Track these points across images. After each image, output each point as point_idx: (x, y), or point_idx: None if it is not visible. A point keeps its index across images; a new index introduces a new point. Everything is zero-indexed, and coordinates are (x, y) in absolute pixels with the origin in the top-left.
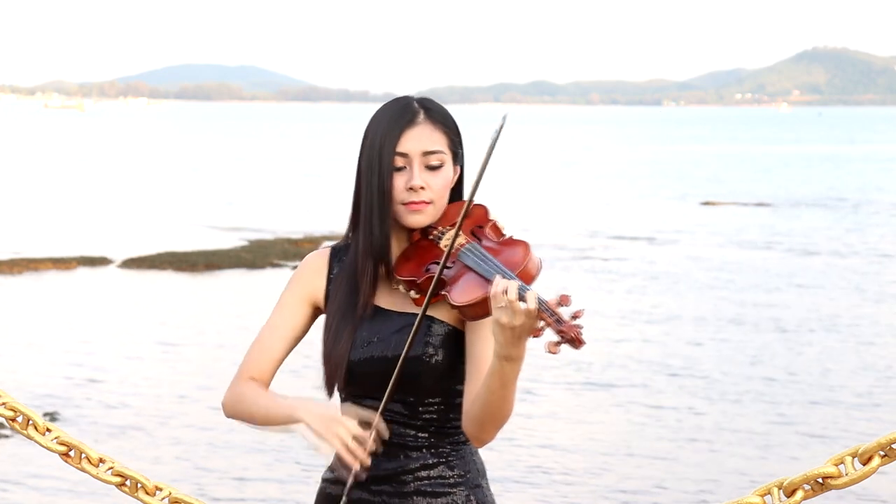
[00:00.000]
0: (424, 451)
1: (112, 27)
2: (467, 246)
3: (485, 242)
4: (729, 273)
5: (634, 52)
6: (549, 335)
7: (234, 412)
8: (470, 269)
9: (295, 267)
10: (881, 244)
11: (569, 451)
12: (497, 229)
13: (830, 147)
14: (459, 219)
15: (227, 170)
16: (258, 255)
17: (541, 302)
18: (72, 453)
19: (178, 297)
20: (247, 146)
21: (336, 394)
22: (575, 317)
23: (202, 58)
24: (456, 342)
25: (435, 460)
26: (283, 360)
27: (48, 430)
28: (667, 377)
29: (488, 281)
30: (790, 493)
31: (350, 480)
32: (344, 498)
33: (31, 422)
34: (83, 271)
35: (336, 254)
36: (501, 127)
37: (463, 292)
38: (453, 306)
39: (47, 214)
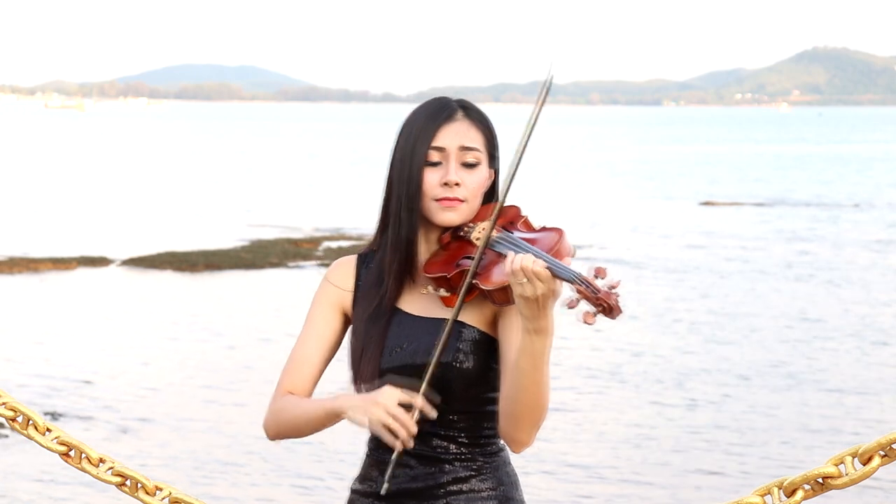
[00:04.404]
0: (457, 463)
1: (112, 27)
2: (499, 235)
3: (517, 233)
4: (726, 274)
5: (634, 52)
6: (585, 306)
7: (278, 429)
8: (502, 255)
9: (297, 267)
10: (859, 251)
11: (568, 453)
12: (529, 225)
13: (830, 147)
14: (495, 211)
15: (227, 170)
16: (258, 255)
17: (574, 273)
18: (72, 453)
19: (178, 297)
20: (247, 146)
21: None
22: (611, 287)
23: (202, 58)
24: (486, 349)
25: (467, 473)
26: (321, 373)
27: (48, 430)
28: (666, 377)
29: None
30: (790, 493)
31: (392, 462)
32: (385, 484)
33: (31, 422)
34: (83, 271)
35: (363, 260)
36: (546, 90)
37: (492, 277)
38: (484, 292)
39: (47, 214)
